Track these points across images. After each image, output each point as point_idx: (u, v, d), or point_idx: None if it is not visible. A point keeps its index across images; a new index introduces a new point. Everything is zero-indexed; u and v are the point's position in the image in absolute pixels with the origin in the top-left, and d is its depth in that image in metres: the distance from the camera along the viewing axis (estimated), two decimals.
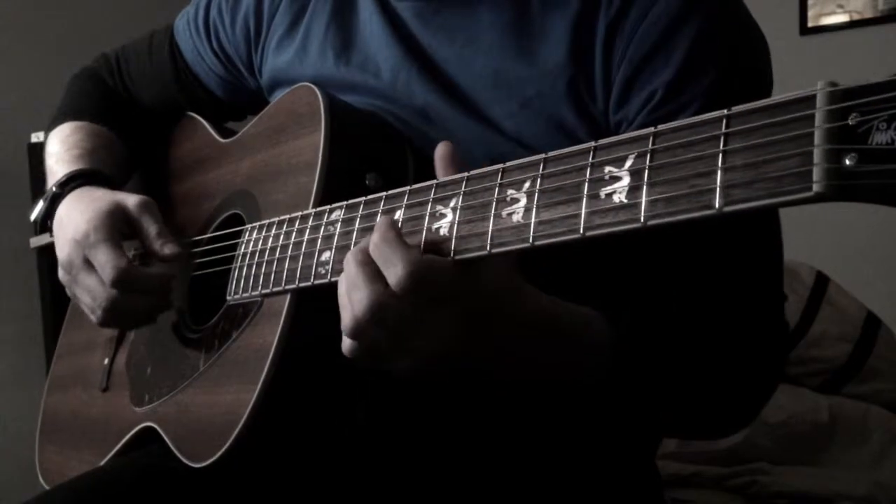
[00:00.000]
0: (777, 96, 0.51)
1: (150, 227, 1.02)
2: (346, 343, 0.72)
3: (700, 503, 1.58)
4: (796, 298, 1.95)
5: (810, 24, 3.06)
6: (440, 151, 0.73)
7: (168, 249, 1.01)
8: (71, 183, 1.09)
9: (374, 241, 0.69)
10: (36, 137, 2.30)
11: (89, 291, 1.01)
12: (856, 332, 1.93)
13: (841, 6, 3.02)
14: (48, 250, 1.09)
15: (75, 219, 1.02)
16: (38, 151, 1.22)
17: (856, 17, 3.00)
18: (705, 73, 0.81)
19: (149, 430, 1.00)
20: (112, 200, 1.03)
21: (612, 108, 0.86)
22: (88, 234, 0.99)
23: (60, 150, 1.16)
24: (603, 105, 0.86)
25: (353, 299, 0.69)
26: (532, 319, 0.75)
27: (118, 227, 1.01)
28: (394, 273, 0.67)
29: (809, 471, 1.68)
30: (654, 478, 1.04)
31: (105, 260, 0.98)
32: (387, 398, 0.90)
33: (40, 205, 1.11)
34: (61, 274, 1.05)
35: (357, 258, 0.70)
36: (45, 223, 1.10)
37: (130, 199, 1.03)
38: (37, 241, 1.13)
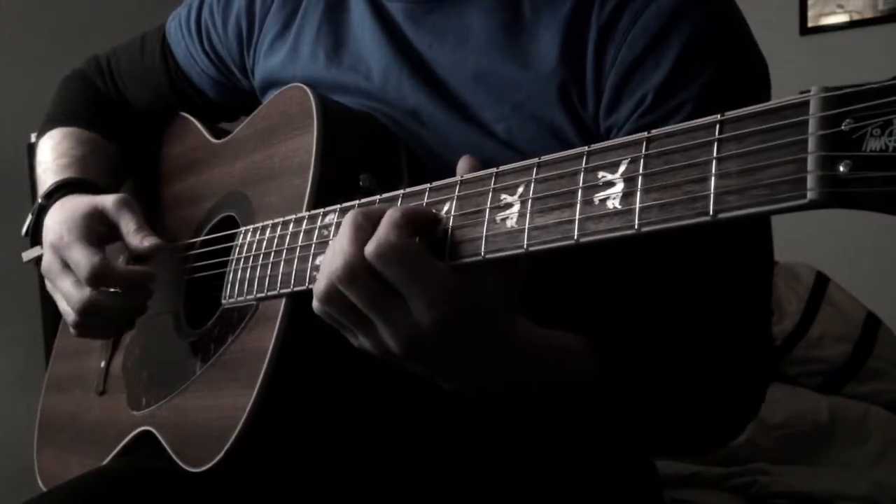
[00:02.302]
0: (770, 101, 0.51)
1: (129, 223, 1.00)
2: (315, 302, 0.70)
3: (700, 503, 1.58)
4: (796, 298, 1.95)
5: (810, 24, 3.06)
6: (466, 166, 0.70)
7: (147, 242, 0.99)
8: (56, 193, 1.08)
9: (404, 208, 0.67)
10: (35, 137, 2.29)
11: (64, 294, 1.00)
12: (856, 332, 1.93)
13: (841, 6, 3.01)
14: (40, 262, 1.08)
15: (53, 226, 1.02)
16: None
17: (856, 17, 2.99)
18: (696, 77, 0.80)
19: (146, 434, 1.00)
20: (89, 203, 1.02)
21: (602, 113, 0.85)
22: (62, 236, 0.99)
23: (49, 158, 1.16)
24: (594, 109, 0.85)
25: (334, 252, 0.68)
26: (521, 345, 0.73)
27: (94, 227, 1.00)
28: (374, 240, 0.65)
29: (809, 471, 1.68)
30: (653, 478, 1.04)
31: (79, 257, 0.97)
32: (387, 402, 0.90)
33: (29, 218, 1.10)
34: (46, 283, 1.05)
35: (356, 219, 0.68)
36: (34, 236, 1.09)
37: (108, 199, 1.02)
38: (28, 254, 1.12)
